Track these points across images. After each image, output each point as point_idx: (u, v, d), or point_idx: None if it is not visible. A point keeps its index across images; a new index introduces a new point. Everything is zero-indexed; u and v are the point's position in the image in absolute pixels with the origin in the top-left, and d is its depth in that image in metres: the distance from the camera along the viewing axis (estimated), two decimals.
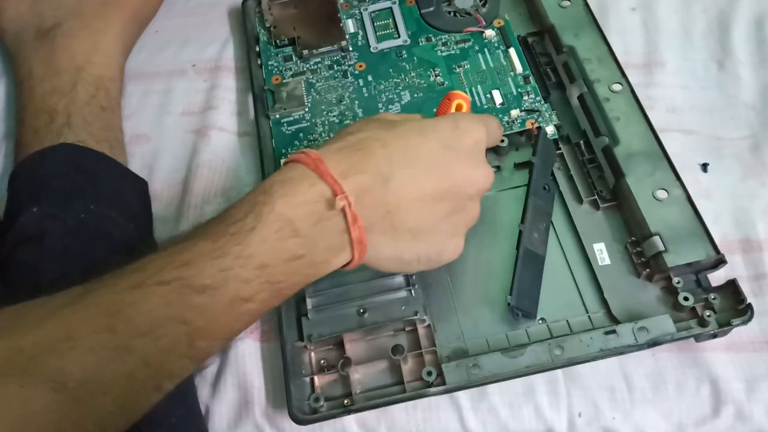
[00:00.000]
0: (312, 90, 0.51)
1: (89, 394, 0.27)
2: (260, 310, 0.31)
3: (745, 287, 0.39)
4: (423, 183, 0.33)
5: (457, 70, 0.50)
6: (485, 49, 0.51)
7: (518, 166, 0.46)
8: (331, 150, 0.33)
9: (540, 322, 0.40)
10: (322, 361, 0.40)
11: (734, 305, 0.39)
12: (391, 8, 0.54)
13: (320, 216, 0.31)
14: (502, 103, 0.48)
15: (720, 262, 0.40)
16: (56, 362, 0.27)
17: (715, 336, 0.39)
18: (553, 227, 0.43)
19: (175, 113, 0.53)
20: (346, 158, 0.32)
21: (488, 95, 0.48)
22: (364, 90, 0.50)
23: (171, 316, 0.29)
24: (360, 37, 0.53)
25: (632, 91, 0.46)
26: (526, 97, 0.48)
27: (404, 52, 0.52)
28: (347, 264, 0.33)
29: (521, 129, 0.46)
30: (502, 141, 0.46)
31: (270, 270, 0.30)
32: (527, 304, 0.40)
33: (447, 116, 0.36)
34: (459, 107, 0.40)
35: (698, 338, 0.39)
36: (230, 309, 0.30)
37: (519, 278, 0.39)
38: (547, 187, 0.43)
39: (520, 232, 0.41)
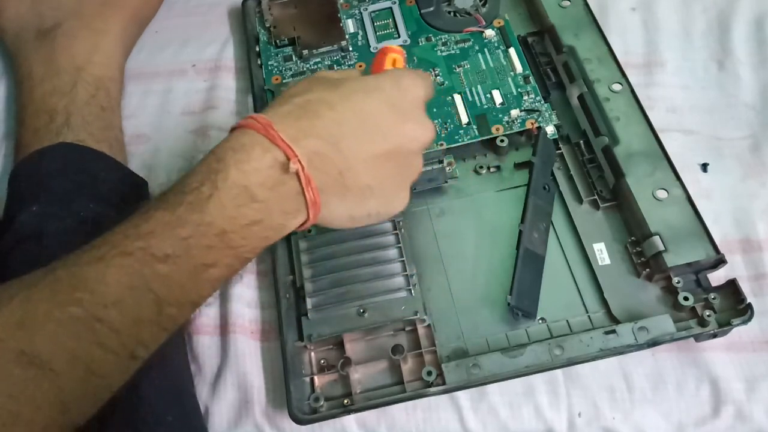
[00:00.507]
0: None
1: (63, 366, 0.28)
2: (225, 275, 0.32)
3: (745, 287, 0.39)
4: (372, 143, 0.34)
5: (457, 70, 0.50)
6: (485, 49, 0.51)
7: (518, 166, 0.46)
8: (279, 114, 0.33)
9: (540, 322, 0.40)
10: (322, 361, 0.40)
11: (734, 305, 0.39)
12: (391, 8, 0.54)
13: (275, 181, 0.31)
14: (502, 103, 0.48)
15: (720, 262, 0.40)
16: (25, 338, 0.27)
17: (715, 336, 0.39)
18: (553, 227, 0.43)
19: (175, 113, 0.53)
20: (295, 122, 0.33)
21: (488, 95, 0.48)
22: None
23: (136, 286, 0.29)
24: (360, 37, 0.53)
25: (632, 91, 0.46)
26: (526, 97, 0.48)
27: (404, 52, 0.52)
28: (302, 225, 0.34)
29: (521, 129, 0.46)
30: (502, 141, 0.46)
31: (230, 236, 0.31)
32: (527, 304, 0.40)
33: (388, 74, 0.37)
34: (395, 62, 0.41)
35: (698, 338, 0.39)
36: (195, 275, 0.30)
37: (519, 278, 0.39)
38: (547, 187, 0.43)
39: (520, 232, 0.41)
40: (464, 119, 0.47)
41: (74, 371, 0.28)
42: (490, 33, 0.52)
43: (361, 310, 0.40)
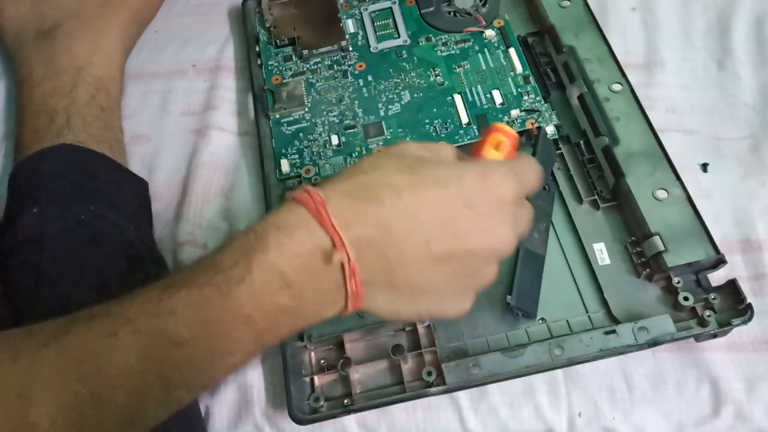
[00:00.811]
0: (312, 90, 0.51)
1: None
2: (243, 362, 0.29)
3: (745, 287, 0.39)
4: (432, 242, 0.30)
5: (457, 70, 0.50)
6: (485, 49, 0.51)
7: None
8: (337, 192, 0.29)
9: (540, 322, 0.40)
10: (322, 361, 0.40)
11: (734, 305, 0.39)
12: (391, 8, 0.54)
13: (316, 268, 0.28)
14: (502, 103, 0.48)
15: (720, 262, 0.40)
16: (22, 409, 0.26)
17: (715, 336, 0.39)
18: (553, 227, 0.43)
19: (175, 113, 0.53)
20: (352, 204, 0.29)
21: (488, 95, 0.48)
22: (364, 90, 0.50)
23: (147, 369, 0.27)
24: (360, 37, 0.53)
25: (632, 91, 0.46)
26: (526, 97, 0.48)
27: (404, 52, 0.52)
28: (341, 312, 0.31)
29: (521, 129, 0.46)
30: None
31: (255, 323, 0.28)
32: (527, 304, 0.40)
33: (475, 165, 0.32)
34: (498, 145, 0.35)
35: (698, 338, 0.39)
36: (211, 362, 0.28)
37: (519, 278, 0.39)
38: (547, 187, 0.43)
39: None
40: (464, 119, 0.47)
41: None
42: (490, 33, 0.52)
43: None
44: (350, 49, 0.53)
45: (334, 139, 0.48)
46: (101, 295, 0.40)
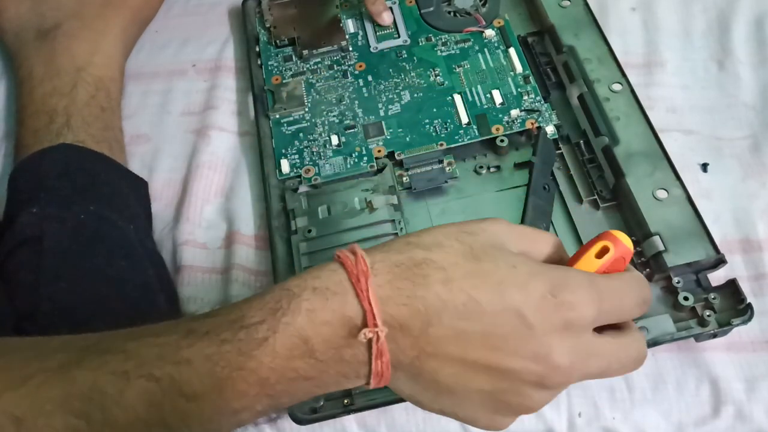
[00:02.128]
0: (312, 90, 0.51)
1: None
2: (251, 420, 0.28)
3: (745, 287, 0.39)
4: (472, 347, 0.27)
5: (457, 70, 0.50)
6: (485, 49, 0.51)
7: (518, 166, 0.46)
8: (385, 261, 0.27)
9: None
10: None
11: (734, 305, 0.39)
12: (391, 8, 0.54)
13: (342, 341, 0.26)
14: (502, 103, 0.48)
15: (720, 262, 0.40)
16: None
17: (715, 336, 0.39)
18: (554, 227, 0.43)
19: (175, 113, 0.53)
20: (396, 280, 0.27)
21: (488, 95, 0.48)
22: (364, 90, 0.50)
23: (151, 419, 0.26)
24: (360, 37, 0.53)
25: (632, 91, 0.46)
26: (526, 97, 0.48)
27: (404, 52, 0.52)
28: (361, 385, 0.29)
29: (521, 129, 0.46)
30: (502, 141, 0.46)
31: (271, 386, 0.26)
32: None
33: (553, 273, 0.28)
34: (602, 252, 0.29)
35: (698, 338, 0.39)
36: (218, 418, 0.27)
37: None
38: (546, 187, 0.43)
39: None
40: (464, 119, 0.47)
41: None
42: (490, 33, 0.52)
43: None
44: (350, 49, 0.53)
45: (334, 139, 0.48)
46: (101, 296, 0.40)
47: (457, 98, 0.48)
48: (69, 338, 0.28)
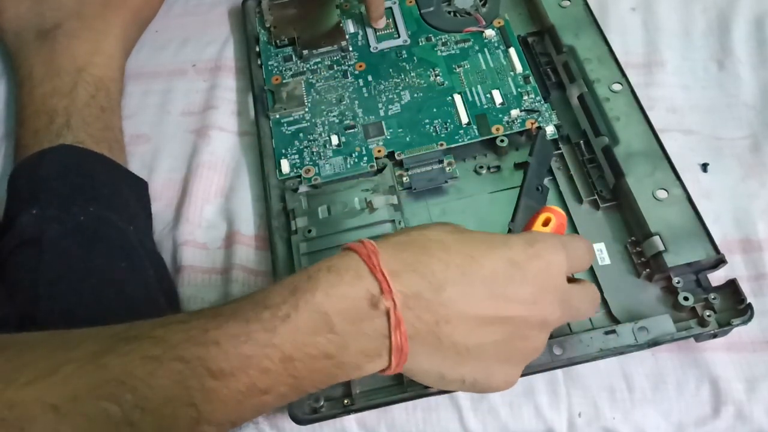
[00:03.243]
0: (312, 90, 0.51)
1: None
2: (276, 403, 0.29)
3: (745, 287, 0.39)
4: (478, 300, 0.30)
5: (457, 70, 0.50)
6: (485, 49, 0.51)
7: (518, 166, 0.46)
8: (388, 242, 0.30)
9: None
10: None
11: (734, 305, 0.39)
12: (391, 8, 0.54)
13: (360, 314, 0.28)
14: (502, 103, 0.48)
15: (720, 262, 0.40)
16: (55, 422, 0.25)
17: (715, 336, 0.39)
18: None
19: (175, 113, 0.53)
20: (401, 253, 0.30)
21: (488, 95, 0.48)
22: (364, 90, 0.50)
23: (180, 396, 0.27)
24: (360, 37, 0.53)
25: (632, 91, 0.46)
26: (526, 97, 0.48)
27: (404, 52, 0.52)
28: (384, 371, 0.30)
29: (521, 129, 0.46)
30: (502, 141, 0.46)
31: (294, 364, 0.28)
32: None
33: (522, 234, 0.33)
34: (546, 221, 0.35)
35: (698, 338, 0.39)
36: (244, 398, 0.28)
37: None
38: (540, 188, 0.43)
39: (510, 230, 0.40)
40: (464, 119, 0.47)
41: None
42: (490, 33, 0.52)
43: None
44: (350, 49, 0.53)
45: (334, 139, 0.48)
46: (100, 297, 0.40)
47: (457, 98, 0.48)
48: (94, 329, 0.29)
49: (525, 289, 0.31)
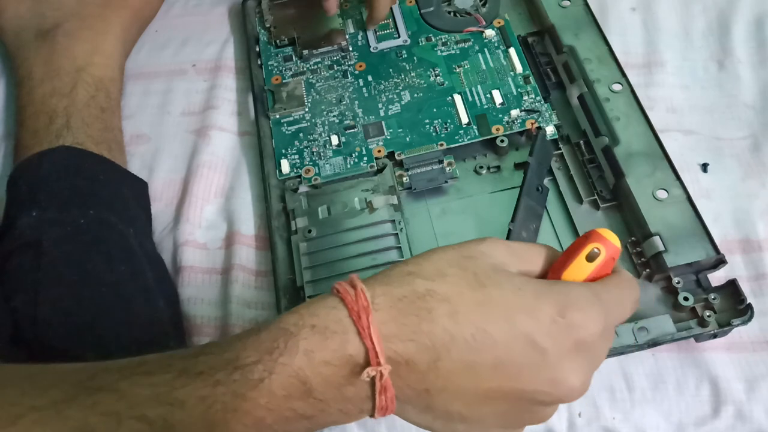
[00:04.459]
0: (312, 90, 0.51)
1: None
2: None
3: (745, 287, 0.39)
4: (483, 379, 0.26)
5: (457, 70, 0.50)
6: (485, 49, 0.51)
7: (518, 166, 0.46)
8: (387, 296, 0.26)
9: None
10: None
11: (734, 305, 0.39)
12: (391, 8, 0.54)
13: (343, 379, 0.25)
14: (502, 103, 0.48)
15: (720, 262, 0.40)
16: None
17: (715, 336, 0.39)
18: (554, 227, 0.43)
19: (175, 113, 0.53)
20: (399, 317, 0.26)
21: (488, 95, 0.48)
22: (364, 90, 0.50)
23: None
24: (360, 37, 0.53)
25: (632, 91, 0.46)
26: (526, 97, 0.48)
27: (404, 52, 0.52)
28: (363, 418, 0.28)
29: (521, 129, 0.46)
30: (502, 141, 0.46)
31: (268, 426, 0.25)
32: None
33: (557, 295, 0.27)
34: (592, 256, 0.29)
35: (698, 338, 0.39)
36: None
37: None
38: (540, 188, 0.43)
39: (509, 230, 0.40)
40: (464, 119, 0.47)
41: None
42: (490, 33, 0.52)
43: None
44: (350, 49, 0.53)
45: (334, 139, 0.48)
46: (100, 301, 0.40)
47: (457, 98, 0.48)
48: (64, 371, 0.27)
49: (542, 371, 0.26)
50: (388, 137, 0.47)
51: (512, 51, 0.50)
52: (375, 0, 0.50)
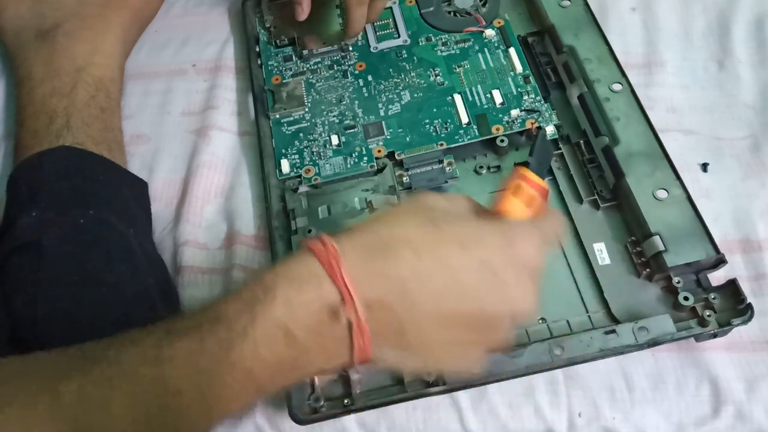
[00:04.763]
0: (312, 90, 0.51)
1: None
2: (239, 411, 0.29)
3: (745, 287, 0.39)
4: (450, 302, 0.29)
5: (457, 70, 0.50)
6: (485, 49, 0.51)
7: (518, 166, 0.46)
8: (354, 245, 0.29)
9: (540, 321, 0.40)
10: None
11: (734, 305, 0.39)
12: (391, 8, 0.54)
13: (322, 324, 0.27)
14: (502, 103, 0.48)
15: (720, 261, 0.40)
16: None
17: (715, 336, 0.39)
18: None
19: (175, 113, 0.53)
20: (368, 260, 0.28)
21: (488, 95, 0.48)
22: (364, 90, 0.50)
23: (137, 418, 0.26)
24: (360, 37, 0.53)
25: (632, 91, 0.46)
26: (526, 97, 0.48)
27: (404, 52, 0.52)
28: (344, 364, 0.30)
29: (521, 129, 0.46)
30: (502, 141, 0.46)
31: (256, 376, 0.27)
32: None
33: (499, 227, 0.31)
34: (517, 189, 0.33)
35: (698, 338, 0.39)
36: (205, 412, 0.27)
37: None
38: None
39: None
40: (464, 119, 0.47)
41: None
42: (490, 33, 0.52)
43: None
44: (350, 49, 0.53)
45: (334, 139, 0.48)
46: (100, 301, 0.40)
47: (457, 98, 0.48)
48: (55, 353, 0.28)
49: (496, 290, 0.30)
50: (388, 137, 0.47)
51: (512, 51, 0.50)
52: (349, 15, 0.50)
